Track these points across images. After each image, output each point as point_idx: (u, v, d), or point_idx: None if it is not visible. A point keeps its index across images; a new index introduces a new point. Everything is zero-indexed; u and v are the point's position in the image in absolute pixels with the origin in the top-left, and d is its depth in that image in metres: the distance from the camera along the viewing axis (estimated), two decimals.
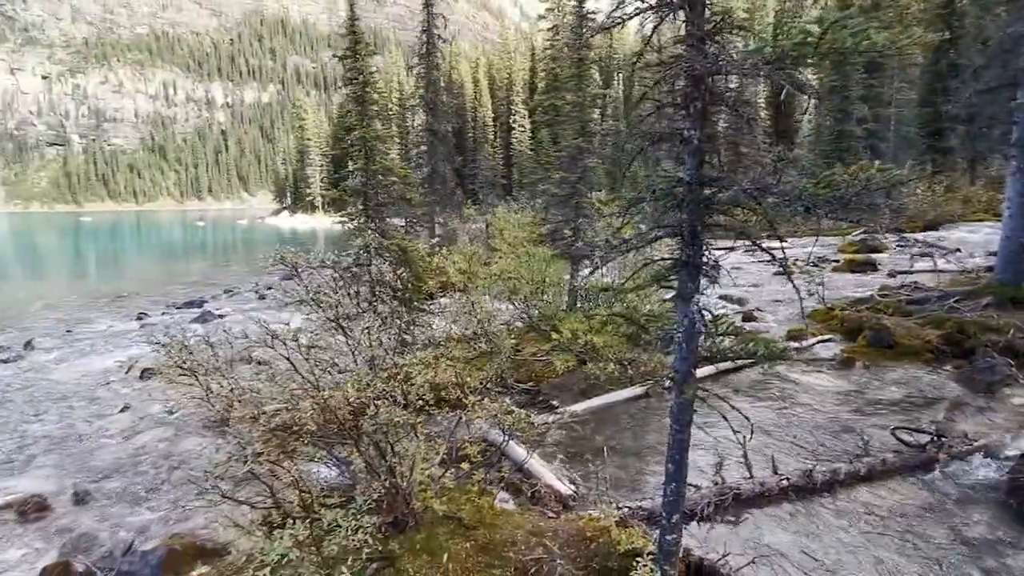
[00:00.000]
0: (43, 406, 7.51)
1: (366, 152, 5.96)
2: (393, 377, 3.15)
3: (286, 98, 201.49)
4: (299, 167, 65.38)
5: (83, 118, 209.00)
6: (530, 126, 39.38)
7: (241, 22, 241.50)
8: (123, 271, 27.82)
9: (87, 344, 11.10)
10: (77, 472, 5.57)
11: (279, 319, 12.13)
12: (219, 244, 43.74)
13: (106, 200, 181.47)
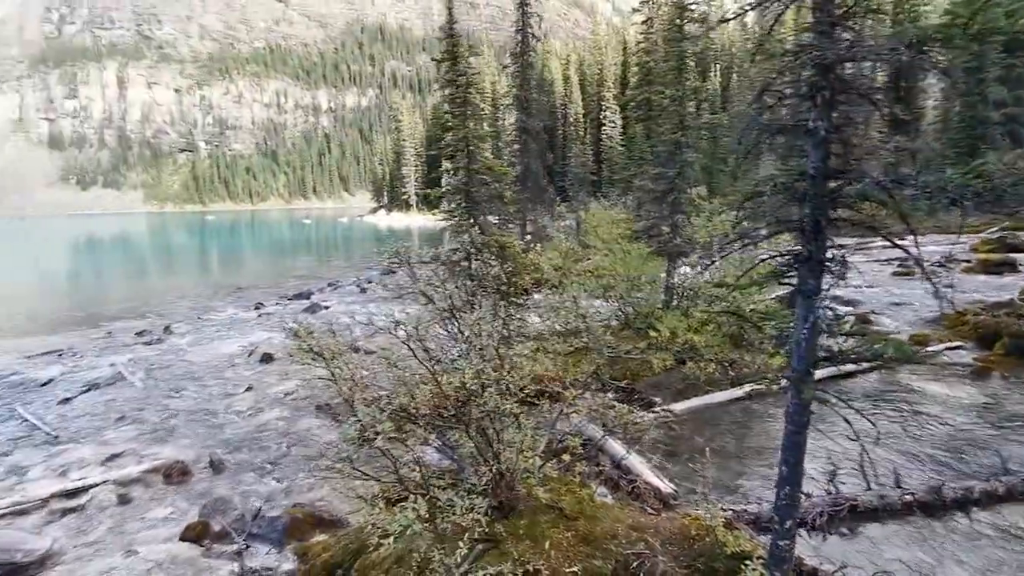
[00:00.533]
0: (181, 384, 8.41)
1: (468, 152, 6.17)
2: (499, 368, 3.27)
3: (383, 101, 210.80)
4: (395, 167, 68.30)
5: (208, 126, 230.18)
6: (621, 122, 38.75)
7: (344, 31, 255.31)
8: (241, 265, 30.44)
9: (214, 330, 12.27)
10: (211, 443, 6.21)
11: (379, 311, 12.81)
12: (322, 241, 46.67)
13: (227, 200, 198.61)
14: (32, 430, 6.77)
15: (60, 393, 8.22)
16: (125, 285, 23.79)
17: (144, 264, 33.77)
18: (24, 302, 19.64)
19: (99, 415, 7.17)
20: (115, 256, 40.16)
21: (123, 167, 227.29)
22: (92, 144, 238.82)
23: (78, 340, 12.01)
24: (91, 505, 4.93)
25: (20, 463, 5.85)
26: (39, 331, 13.05)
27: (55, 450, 6.12)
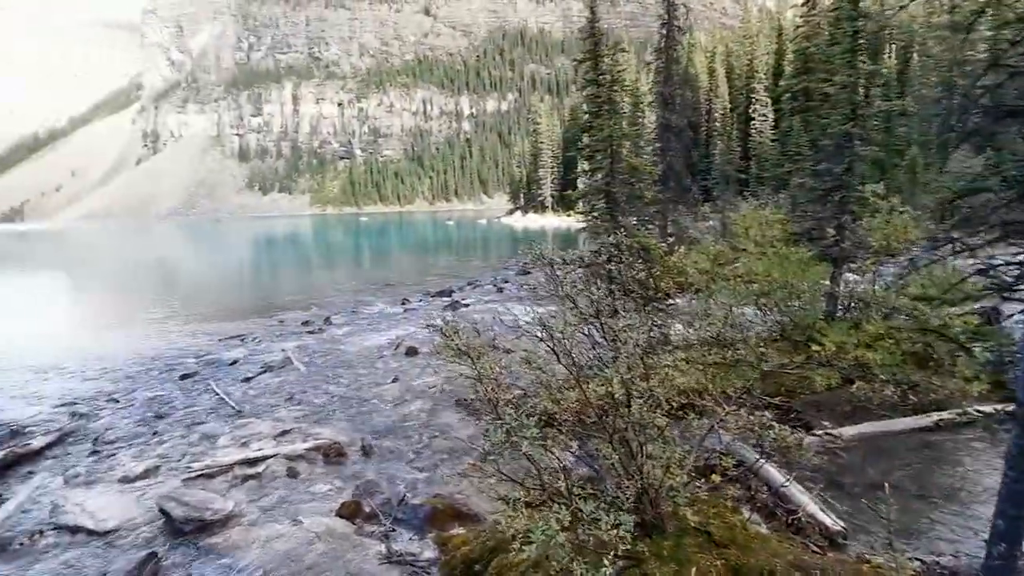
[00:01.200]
0: (338, 371, 9.20)
1: (611, 151, 6.01)
2: (645, 377, 3.10)
3: (522, 105, 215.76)
4: (532, 169, 69.53)
5: (364, 135, 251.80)
6: (773, 115, 35.87)
7: (487, 39, 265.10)
8: (389, 262, 32.87)
9: (366, 323, 13.30)
10: (363, 428, 6.70)
11: (516, 310, 13.03)
12: (462, 241, 48.85)
13: (378, 203, 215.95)
14: (221, 404, 7.80)
15: (243, 372, 9.42)
16: (293, 279, 26.83)
17: (309, 260, 37.82)
18: (217, 293, 22.94)
19: (273, 394, 8.08)
20: (286, 253, 45.48)
21: (295, 174, 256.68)
22: (271, 155, 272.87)
23: (257, 327, 13.70)
24: (265, 475, 5.53)
25: (211, 432, 6.75)
26: (228, 318, 15.08)
27: (238, 423, 6.98)
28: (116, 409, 7.92)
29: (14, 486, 5.62)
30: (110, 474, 5.63)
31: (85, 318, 18.31)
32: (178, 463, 5.86)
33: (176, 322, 14.92)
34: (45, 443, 6.42)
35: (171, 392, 8.60)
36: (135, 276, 32.77)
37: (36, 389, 9.45)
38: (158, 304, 19.05)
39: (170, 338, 12.92)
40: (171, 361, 10.70)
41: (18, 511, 4.92)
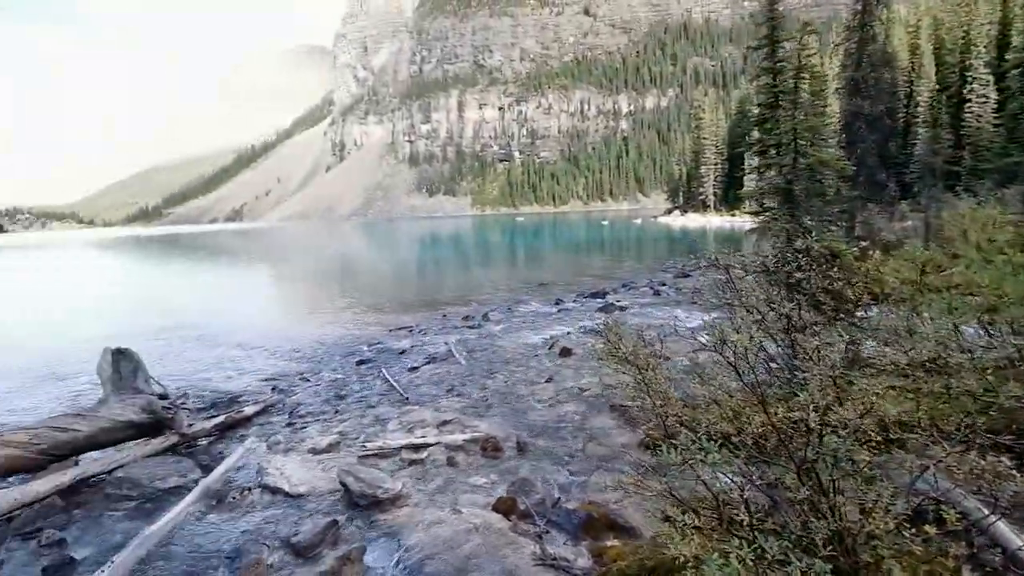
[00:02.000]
0: (494, 366, 9.50)
1: (795, 146, 5.40)
2: (839, 402, 2.69)
3: (683, 100, 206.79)
4: (693, 167, 66.32)
5: (523, 138, 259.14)
6: (996, 95, 30.12)
7: (647, 34, 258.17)
8: (544, 262, 33.46)
9: (520, 321, 13.61)
10: (518, 425, 6.81)
11: (673, 316, 12.45)
12: (616, 241, 48.11)
13: (533, 204, 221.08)
14: (391, 390, 8.47)
15: (410, 362, 10.16)
16: (454, 275, 28.51)
17: (468, 258, 39.95)
18: (389, 285, 25.16)
19: (435, 384, 8.59)
20: (448, 251, 48.53)
21: (458, 177, 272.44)
22: (438, 159, 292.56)
23: (423, 319, 14.72)
24: (428, 461, 5.86)
25: (382, 416, 7.34)
26: (397, 310, 16.43)
27: (405, 409, 7.51)
28: (306, 387, 9.01)
29: (231, 446, 6.62)
30: (301, 445, 6.37)
31: (281, 303, 21.21)
32: (355, 441, 6.45)
33: (354, 311, 16.60)
34: (254, 412, 7.48)
35: (349, 376, 9.55)
36: (321, 268, 37.28)
37: (245, 364, 11.10)
38: (339, 294, 21.41)
39: (349, 326, 14.41)
40: (350, 347, 11.91)
41: (233, 467, 5.76)
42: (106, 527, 4.88)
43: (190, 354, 12.09)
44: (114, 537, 4.68)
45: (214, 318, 16.73)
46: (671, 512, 2.83)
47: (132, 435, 6.27)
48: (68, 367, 11.37)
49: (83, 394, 9.47)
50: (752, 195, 7.05)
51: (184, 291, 26.41)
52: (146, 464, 5.78)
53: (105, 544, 4.56)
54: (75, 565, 4.25)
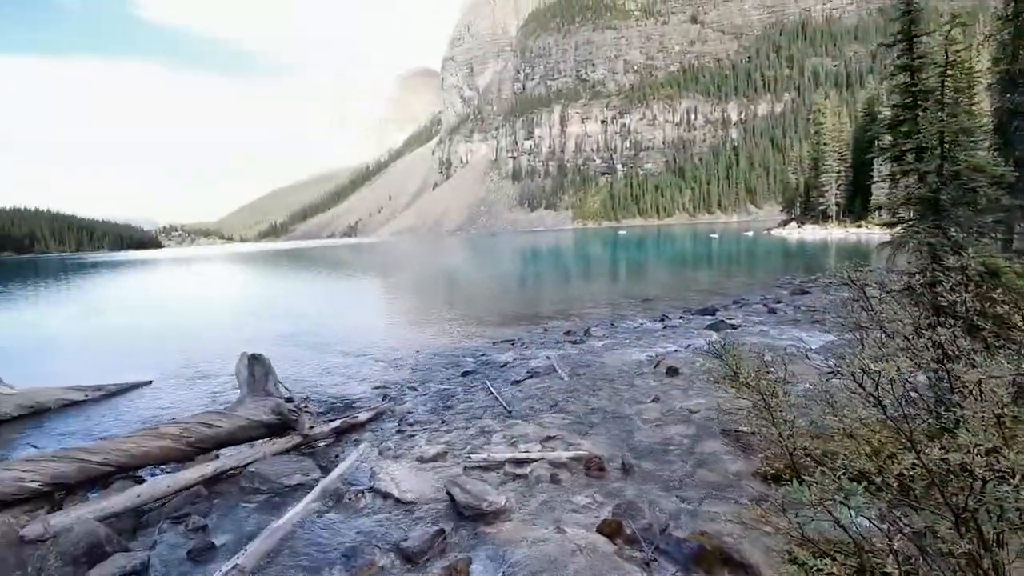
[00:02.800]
0: (597, 383, 9.34)
1: (942, 150, 4.82)
2: (1006, 444, 2.34)
3: (800, 105, 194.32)
4: (811, 175, 61.85)
5: (626, 150, 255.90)
6: None
7: (760, 38, 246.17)
8: (647, 276, 32.60)
9: (624, 337, 13.31)
10: (622, 445, 6.63)
11: (792, 336, 11.59)
12: (726, 255, 45.88)
13: (636, 216, 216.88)
14: (494, 403, 8.59)
15: (512, 375, 10.26)
16: (555, 289, 28.53)
17: (569, 272, 39.87)
18: (492, 298, 25.68)
19: (538, 399, 8.59)
20: (549, 264, 48.75)
21: (559, 191, 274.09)
22: (540, 174, 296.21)
23: (524, 332, 14.85)
24: (532, 476, 5.85)
25: (486, 428, 7.45)
26: (500, 323, 16.70)
27: (508, 423, 7.57)
28: (415, 396, 9.37)
29: (347, 449, 7.03)
30: (410, 452, 6.61)
31: (390, 313, 22.33)
32: (460, 452, 6.59)
33: (458, 323, 17.10)
34: (367, 418, 7.89)
35: (455, 387, 9.82)
36: (427, 280, 38.88)
37: (357, 371, 11.77)
38: (444, 305, 22.18)
39: (454, 337, 14.85)
40: (455, 358, 12.26)
41: (349, 470, 6.09)
42: (240, 517, 5.35)
43: (308, 360, 13.02)
44: (247, 527, 5.11)
45: (330, 326, 17.97)
46: (800, 554, 2.60)
47: (262, 434, 6.85)
48: (210, 367, 12.70)
49: (219, 393, 10.51)
50: (888, 205, 6.40)
51: (304, 300, 28.65)
52: (273, 462, 6.27)
53: (240, 533, 5.00)
54: (215, 550, 4.69)
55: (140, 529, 5.18)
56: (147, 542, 4.86)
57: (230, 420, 6.58)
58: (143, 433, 6.19)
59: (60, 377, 11.11)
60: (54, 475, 5.31)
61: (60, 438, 8.51)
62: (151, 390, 11.05)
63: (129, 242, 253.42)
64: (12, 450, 8.14)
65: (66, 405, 9.95)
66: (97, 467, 5.55)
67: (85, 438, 8.28)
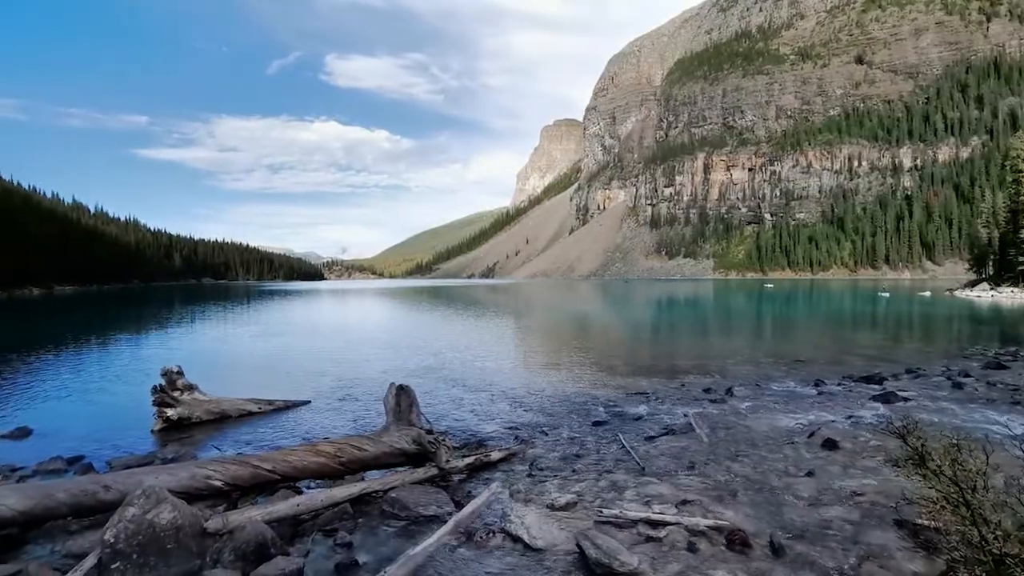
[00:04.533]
0: (740, 448, 8.64)
1: None
2: None
3: (993, 149, 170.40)
4: (1009, 230, 53.40)
5: (775, 199, 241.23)
6: None
7: (941, 77, 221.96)
8: (798, 335, 29.89)
9: (771, 400, 12.24)
10: (770, 521, 6.02)
11: (984, 417, 9.91)
12: (896, 317, 40.71)
13: (785, 269, 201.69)
14: (627, 456, 8.29)
15: (646, 430, 9.86)
16: (694, 341, 27.16)
17: (708, 324, 37.81)
18: (625, 346, 25.11)
19: (674, 458, 8.14)
20: (687, 315, 46.69)
21: (700, 239, 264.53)
22: (680, 222, 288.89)
23: (659, 386, 14.27)
24: (666, 541, 5.51)
25: (618, 483, 7.19)
26: (634, 373, 16.23)
27: (641, 480, 7.24)
28: (545, 441, 9.36)
29: (478, 486, 7.17)
30: (540, 498, 6.57)
31: (524, 354, 22.67)
32: (591, 504, 6.41)
33: (591, 370, 16.90)
34: (499, 457, 8.02)
35: (586, 436, 9.65)
36: (560, 323, 39.06)
37: (490, 410, 12.04)
38: (577, 350, 22.07)
39: (585, 384, 14.68)
40: (586, 406, 12.08)
41: (480, 508, 6.19)
42: (380, 539, 5.65)
43: (443, 393, 13.61)
44: (385, 550, 5.38)
45: (465, 362, 18.68)
46: None
47: (402, 462, 7.23)
48: (356, 392, 13.79)
49: (362, 418, 11.33)
50: None
51: (441, 335, 30.18)
52: (412, 490, 6.57)
53: (379, 555, 5.27)
54: (359, 568, 4.99)
55: (296, 537, 5.68)
56: (302, 550, 5.31)
57: (376, 445, 7.05)
58: (304, 448, 6.85)
59: (239, 389, 12.74)
60: (233, 477, 6.04)
61: (236, 444, 9.69)
62: (308, 409, 12.23)
63: (299, 273, 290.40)
64: (200, 450, 9.42)
65: (243, 415, 11.35)
66: (267, 474, 6.23)
67: (256, 446, 9.35)
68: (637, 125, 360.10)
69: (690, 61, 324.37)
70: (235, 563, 4.67)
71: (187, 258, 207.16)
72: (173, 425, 10.38)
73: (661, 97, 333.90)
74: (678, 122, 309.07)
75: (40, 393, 14.35)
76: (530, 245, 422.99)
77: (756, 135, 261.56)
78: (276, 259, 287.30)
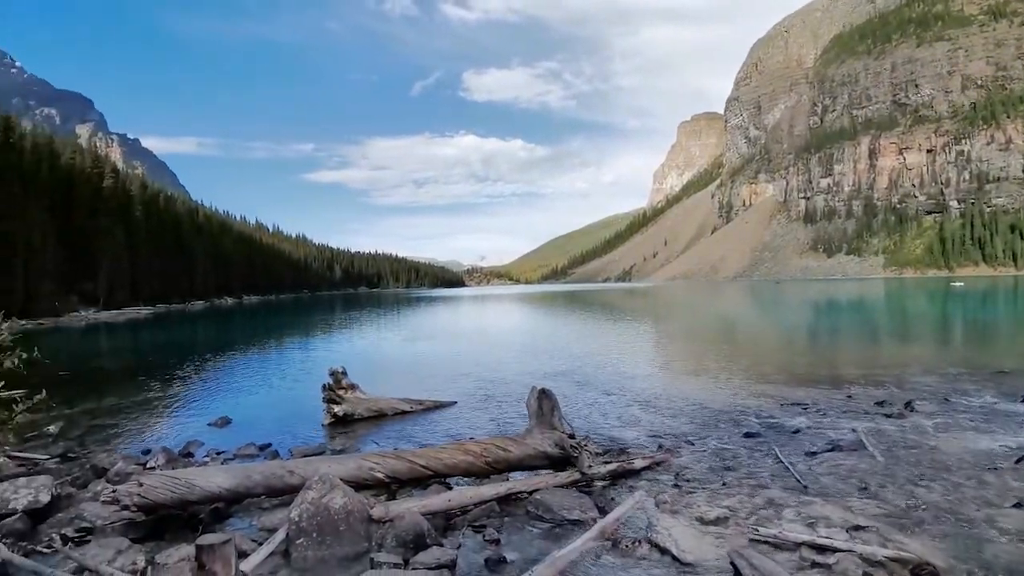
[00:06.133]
0: (925, 471, 7.56)
1: None
2: None
3: None
4: None
5: (963, 183, 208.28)
6: None
7: None
8: (1000, 342, 25.47)
9: (965, 417, 10.56)
10: (966, 556, 5.18)
11: None
12: None
13: (980, 264, 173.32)
14: (784, 472, 7.63)
15: (806, 445, 9.00)
16: (860, 348, 24.24)
17: (878, 329, 33.59)
18: (778, 353, 23.19)
19: (841, 478, 7.34)
20: (852, 319, 41.89)
21: (866, 234, 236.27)
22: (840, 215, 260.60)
23: (819, 396, 12.96)
24: (836, 569, 4.98)
25: (775, 500, 6.64)
26: (788, 382, 14.92)
27: (803, 499, 6.63)
28: (691, 451, 8.93)
29: (621, 494, 7.05)
30: (688, 510, 6.29)
31: (664, 358, 21.87)
32: (745, 521, 6.00)
33: (739, 377, 15.83)
34: (642, 466, 7.81)
35: (736, 447, 9.05)
36: (704, 327, 37.13)
37: (630, 416, 11.76)
38: (723, 356, 20.81)
39: (733, 392, 13.78)
40: (734, 416, 11.33)
41: (624, 516, 6.08)
42: (526, 539, 5.78)
43: (581, 397, 13.57)
44: (531, 550, 5.49)
45: (603, 367, 18.47)
46: None
47: (544, 465, 7.34)
48: (496, 393, 14.28)
49: (502, 420, 11.66)
50: None
51: (578, 338, 30.15)
52: (555, 493, 6.64)
53: (525, 553, 5.40)
54: (507, 564, 5.15)
55: (448, 530, 6.01)
56: (454, 542, 5.62)
57: (520, 447, 7.23)
58: (453, 447, 7.24)
59: (391, 389, 13.81)
60: (392, 470, 6.57)
61: (391, 439, 10.51)
62: (454, 409, 12.90)
63: (442, 280, 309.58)
64: (362, 443, 10.36)
65: (397, 413, 12.28)
66: (421, 470, 6.68)
67: (409, 443, 10.06)
68: (786, 112, 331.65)
69: (849, 36, 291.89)
70: (396, 548, 5.07)
71: (345, 269, 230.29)
72: (339, 420, 11.53)
73: (814, 79, 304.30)
74: (835, 105, 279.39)
75: (236, 388, 16.78)
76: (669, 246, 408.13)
77: (936, 111, 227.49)
78: (422, 268, 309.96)
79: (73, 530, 5.93)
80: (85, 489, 7.44)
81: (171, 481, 5.96)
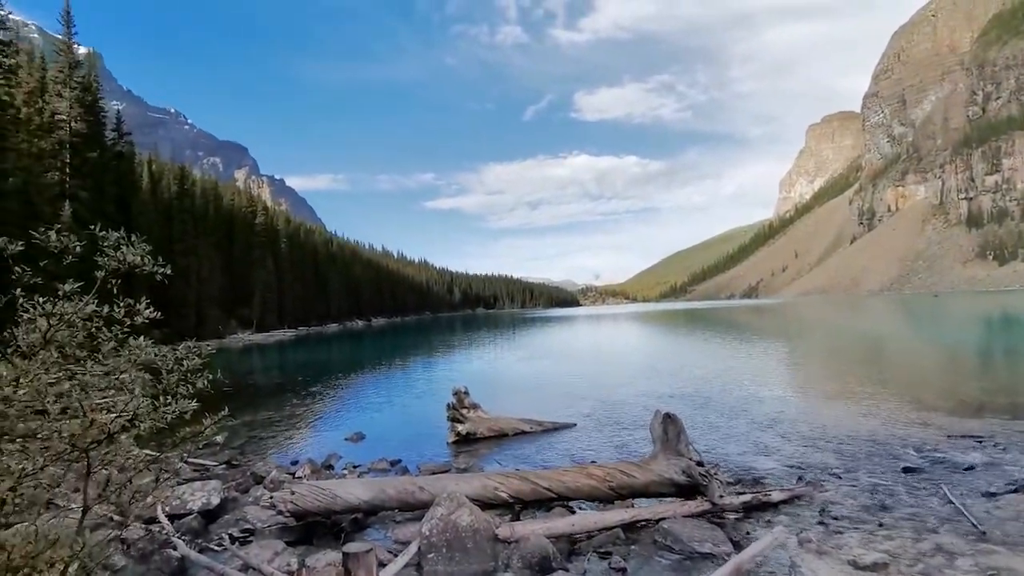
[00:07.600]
0: None
1: None
2: None
3: None
4: None
5: None
6: None
7: None
8: None
9: None
10: None
11: None
12: None
13: None
14: (956, 515, 6.66)
15: (982, 484, 7.79)
16: None
17: None
18: (941, 378, 20.40)
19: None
20: None
21: None
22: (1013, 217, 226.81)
23: (997, 428, 11.21)
24: None
25: (946, 546, 5.81)
26: (956, 412, 13.07)
27: (981, 547, 5.74)
28: (839, 485, 8.08)
29: (757, 528, 6.54)
30: (838, 552, 5.68)
31: (803, 382, 20.07)
32: (909, 569, 5.31)
33: (893, 404, 14.13)
34: (780, 499, 7.20)
35: (894, 484, 8.05)
36: (848, 348, 33.64)
37: (765, 444, 10.90)
38: (874, 381, 18.69)
39: (887, 421, 12.31)
40: (890, 448, 10.11)
41: (763, 553, 5.63)
42: (655, 570, 5.54)
43: (710, 422, 12.82)
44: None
45: (732, 391, 17.35)
46: None
47: (671, 492, 7.02)
48: (617, 416, 13.92)
49: (623, 443, 11.33)
50: None
51: (703, 360, 28.64)
52: (684, 523, 6.32)
53: None
54: None
55: (572, 554, 5.93)
56: (579, 568, 5.53)
57: (644, 472, 6.99)
58: (576, 470, 7.17)
59: (510, 408, 14.00)
60: (516, 491, 6.64)
61: (512, 460, 10.63)
62: (573, 431, 12.78)
63: (557, 300, 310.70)
64: (484, 462, 10.59)
65: (517, 433, 12.42)
66: (544, 491, 6.69)
67: (529, 464, 10.11)
68: (938, 104, 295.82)
69: (1011, 13, 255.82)
70: (523, 570, 5.10)
71: (464, 291, 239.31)
72: (462, 439, 11.90)
73: (971, 65, 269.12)
74: (1000, 92, 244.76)
75: (368, 404, 17.97)
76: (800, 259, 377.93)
77: None
78: (536, 288, 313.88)
79: (238, 531, 6.66)
80: (247, 494, 8.33)
81: (317, 491, 6.49)
